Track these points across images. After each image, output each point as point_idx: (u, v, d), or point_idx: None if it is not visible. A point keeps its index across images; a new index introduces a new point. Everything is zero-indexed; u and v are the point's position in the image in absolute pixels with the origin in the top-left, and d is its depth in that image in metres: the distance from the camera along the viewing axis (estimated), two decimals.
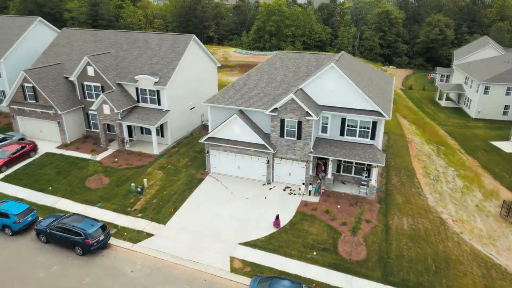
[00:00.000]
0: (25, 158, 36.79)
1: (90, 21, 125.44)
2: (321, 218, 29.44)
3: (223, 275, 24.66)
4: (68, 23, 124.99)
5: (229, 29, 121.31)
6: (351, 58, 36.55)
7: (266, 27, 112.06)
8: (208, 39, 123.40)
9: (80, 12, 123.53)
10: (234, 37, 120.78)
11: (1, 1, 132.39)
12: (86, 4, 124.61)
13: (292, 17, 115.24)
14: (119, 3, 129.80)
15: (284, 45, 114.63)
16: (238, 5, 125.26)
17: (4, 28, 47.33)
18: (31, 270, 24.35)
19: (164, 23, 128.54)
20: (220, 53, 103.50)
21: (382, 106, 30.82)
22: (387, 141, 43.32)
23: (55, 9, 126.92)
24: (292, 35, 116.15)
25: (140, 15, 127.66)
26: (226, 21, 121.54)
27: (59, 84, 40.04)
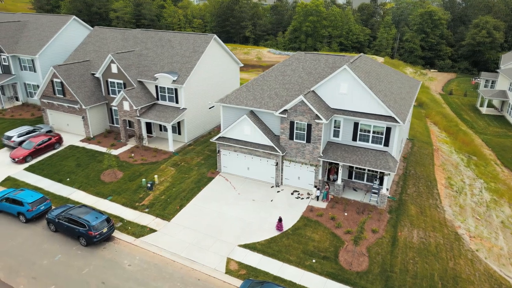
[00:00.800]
0: (50, 149, 38.75)
1: (134, 21, 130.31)
2: (325, 225, 28.56)
3: (218, 276, 24.58)
4: (114, 22, 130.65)
5: (265, 29, 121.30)
6: (371, 61, 35.14)
7: (302, 27, 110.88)
8: (244, 39, 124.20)
9: (125, 12, 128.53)
10: (270, 37, 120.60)
11: (54, 0, 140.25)
12: (130, 4, 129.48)
13: (329, 18, 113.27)
14: (161, 3, 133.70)
15: (320, 46, 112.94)
16: (276, 5, 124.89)
17: (42, 26, 50.16)
18: (38, 257, 25.56)
19: (203, 23, 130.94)
20: (254, 53, 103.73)
21: (397, 111, 29.35)
22: (411, 148, 41.29)
23: (102, 9, 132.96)
24: (329, 36, 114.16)
25: (180, 15, 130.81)
26: (263, 21, 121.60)
27: (86, 80, 41.81)
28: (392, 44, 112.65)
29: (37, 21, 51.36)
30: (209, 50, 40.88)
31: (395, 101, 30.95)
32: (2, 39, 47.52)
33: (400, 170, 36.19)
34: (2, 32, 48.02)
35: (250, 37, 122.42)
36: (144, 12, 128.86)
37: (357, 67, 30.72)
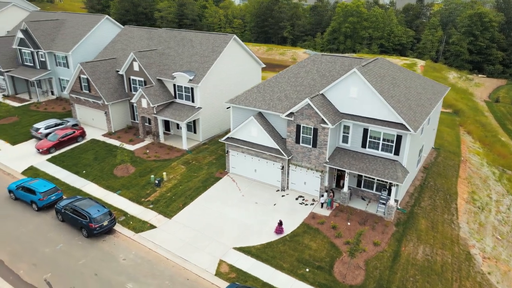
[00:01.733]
0: (73, 142, 40.64)
1: (177, 20, 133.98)
2: (325, 234, 27.55)
3: (207, 277, 24.48)
4: (158, 21, 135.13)
5: (304, 30, 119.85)
6: (388, 65, 33.38)
7: (342, 28, 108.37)
8: (282, 39, 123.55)
9: (169, 11, 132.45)
10: (308, 38, 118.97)
11: (104, 0, 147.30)
12: (174, 4, 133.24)
13: (370, 19, 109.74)
14: (204, 3, 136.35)
15: (359, 47, 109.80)
16: (316, 5, 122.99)
17: (77, 25, 52.78)
18: (41, 245, 26.83)
19: (242, 23, 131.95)
20: (289, 54, 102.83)
21: (410, 118, 27.67)
22: (434, 158, 38.84)
23: (148, 9, 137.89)
24: (369, 38, 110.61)
25: (221, 15, 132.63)
26: (302, 21, 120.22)
27: (110, 77, 43.41)
28: (437, 47, 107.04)
29: (73, 20, 54.12)
30: (228, 50, 40.90)
31: (410, 107, 29.20)
32: (40, 36, 50.55)
33: (417, 181, 34.15)
34: (41, 30, 51.09)
35: (288, 37, 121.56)
36: (187, 12, 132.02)
37: (369, 70, 29.33)
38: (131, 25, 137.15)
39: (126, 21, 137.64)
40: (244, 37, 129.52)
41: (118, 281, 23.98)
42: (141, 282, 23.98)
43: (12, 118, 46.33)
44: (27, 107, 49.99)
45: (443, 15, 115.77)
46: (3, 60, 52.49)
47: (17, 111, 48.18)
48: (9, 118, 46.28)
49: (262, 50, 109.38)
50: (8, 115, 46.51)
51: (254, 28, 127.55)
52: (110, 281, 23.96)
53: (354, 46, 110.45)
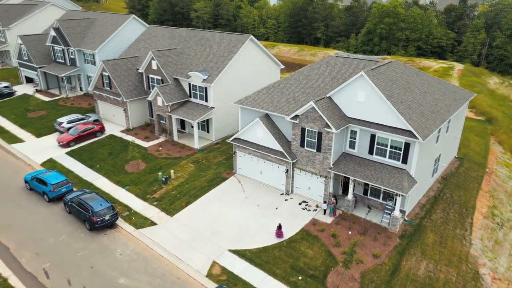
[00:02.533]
0: (92, 137, 42.10)
1: (212, 20, 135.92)
2: (323, 241, 26.68)
3: (197, 277, 24.44)
4: (194, 21, 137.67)
5: (337, 31, 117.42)
6: (403, 68, 31.74)
7: (377, 29, 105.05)
8: (315, 40, 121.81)
9: (204, 11, 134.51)
10: (342, 39, 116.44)
11: (145, 0, 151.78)
12: (210, 4, 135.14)
13: (408, 20, 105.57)
14: (239, 4, 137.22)
15: (395, 49, 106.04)
16: (351, 6, 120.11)
17: (106, 24, 54.68)
18: (47, 235, 27.93)
19: (276, 23, 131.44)
20: (320, 55, 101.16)
21: (419, 125, 26.17)
22: (456, 168, 36.60)
23: (185, 9, 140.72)
24: (406, 39, 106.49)
25: (255, 15, 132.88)
26: (336, 22, 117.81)
27: (130, 75, 44.56)
28: (479, 50, 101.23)
29: (103, 19, 56.13)
30: (244, 50, 40.72)
31: (422, 114, 27.63)
32: (71, 34, 52.84)
33: (431, 192, 32.31)
34: (71, 29, 53.40)
35: (321, 38, 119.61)
36: (222, 12, 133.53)
37: (379, 74, 28.07)
38: (168, 24, 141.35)
39: (164, 20, 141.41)
40: (277, 37, 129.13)
41: (111, 275, 24.47)
42: (133, 278, 24.33)
43: (41, 112, 48.76)
44: (56, 101, 52.44)
45: (487, 17, 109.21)
46: (37, 57, 55.39)
47: (46, 105, 50.66)
48: (37, 111, 48.73)
49: (293, 51, 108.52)
50: (37, 109, 48.98)
51: (288, 29, 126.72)
52: (104, 274, 24.50)
53: (390, 48, 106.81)
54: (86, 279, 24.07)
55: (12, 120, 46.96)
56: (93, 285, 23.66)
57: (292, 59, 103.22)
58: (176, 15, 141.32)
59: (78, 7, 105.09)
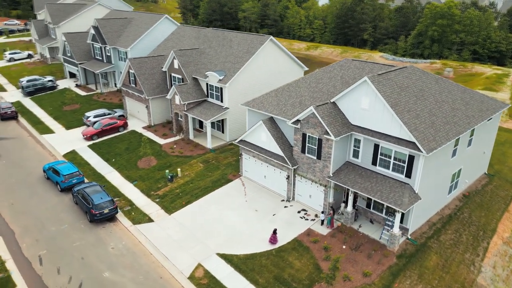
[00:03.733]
0: (114, 131, 43.78)
1: (259, 21, 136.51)
2: (314, 254, 25.42)
3: (179, 278, 24.36)
4: (241, 21, 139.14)
5: (386, 33, 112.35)
6: (419, 74, 29.23)
7: (428, 31, 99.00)
8: (362, 42, 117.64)
9: (252, 12, 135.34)
10: (390, 41, 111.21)
11: (196, 1, 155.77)
12: (258, 5, 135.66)
13: (464, 22, 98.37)
14: (286, 4, 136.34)
15: (447, 53, 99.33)
16: (403, 6, 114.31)
17: (141, 23, 56.65)
18: (50, 223, 29.38)
19: (323, 24, 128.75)
20: (364, 57, 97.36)
21: (425, 137, 24.00)
22: (482, 186, 33.27)
23: (233, 9, 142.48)
24: (460, 43, 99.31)
25: (302, 16, 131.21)
26: (385, 23, 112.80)
27: (155, 74, 45.72)
28: None
29: (139, 19, 58.23)
30: (263, 51, 40.09)
31: (432, 125, 25.32)
32: (108, 33, 55.39)
33: (447, 210, 29.61)
34: (109, 27, 55.98)
35: (368, 40, 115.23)
36: (269, 12, 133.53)
37: (387, 80, 26.16)
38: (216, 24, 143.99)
39: (212, 20, 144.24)
40: (323, 38, 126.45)
41: (98, 268, 25.12)
42: (118, 272, 24.78)
43: (75, 105, 51.64)
44: (90, 96, 55.29)
45: None
46: (78, 53, 58.77)
47: (81, 100, 53.57)
48: (72, 105, 51.67)
49: (336, 53, 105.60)
50: (72, 102, 51.94)
51: (334, 30, 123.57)
52: (91, 266, 25.22)
53: (442, 52, 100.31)
54: (74, 269, 24.91)
55: (48, 112, 50.21)
56: (79, 276, 24.43)
57: (332, 61, 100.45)
58: (225, 15, 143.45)
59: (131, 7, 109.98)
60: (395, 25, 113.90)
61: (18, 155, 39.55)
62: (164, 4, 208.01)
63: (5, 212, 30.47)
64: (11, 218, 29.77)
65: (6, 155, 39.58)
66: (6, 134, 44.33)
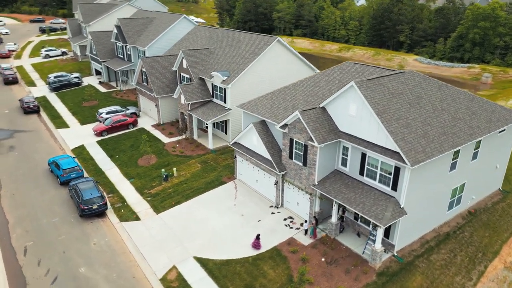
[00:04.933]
0: (124, 128, 44.74)
1: (293, 21, 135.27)
2: (290, 264, 24.38)
3: (151, 280, 24.27)
4: (275, 22, 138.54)
5: (424, 35, 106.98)
6: (419, 79, 27.10)
7: (469, 34, 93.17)
8: (398, 44, 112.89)
9: (287, 12, 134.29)
10: (428, 43, 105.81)
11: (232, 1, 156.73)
12: (294, 5, 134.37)
13: (509, 24, 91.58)
14: (322, 5, 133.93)
15: (489, 57, 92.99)
16: (443, 7, 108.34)
17: (160, 23, 57.63)
18: (43, 215, 30.34)
19: (359, 25, 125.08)
20: (396, 60, 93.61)
21: (413, 149, 22.22)
22: (493, 203, 30.51)
23: (268, 9, 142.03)
24: (504, 47, 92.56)
25: (337, 16, 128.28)
26: (423, 25, 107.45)
27: (166, 73, 46.24)
28: None
29: (160, 19, 59.28)
30: (269, 53, 39.27)
31: (425, 135, 23.42)
32: (129, 32, 56.84)
33: (446, 227, 27.39)
34: (130, 27, 57.44)
35: (405, 42, 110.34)
36: (304, 13, 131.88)
37: (377, 85, 24.54)
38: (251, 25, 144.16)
39: (247, 20, 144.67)
40: (358, 40, 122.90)
41: (75, 262, 25.55)
42: (93, 269, 25.06)
43: (93, 101, 53.44)
44: (110, 93, 57.01)
45: None
46: (102, 51, 60.83)
47: (100, 96, 55.38)
48: (91, 101, 53.51)
49: (368, 55, 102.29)
50: (91, 98, 53.80)
51: (369, 31, 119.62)
52: (70, 260, 25.70)
53: (483, 56, 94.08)
54: (54, 263, 25.50)
55: (68, 107, 52.30)
56: (56, 269, 24.98)
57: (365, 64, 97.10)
58: (259, 15, 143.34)
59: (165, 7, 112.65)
60: (434, 26, 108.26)
61: (31, 148, 41.42)
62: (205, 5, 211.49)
63: (5, 202, 31.90)
64: (9, 208, 31.12)
65: (20, 147, 41.60)
66: (25, 127, 46.65)
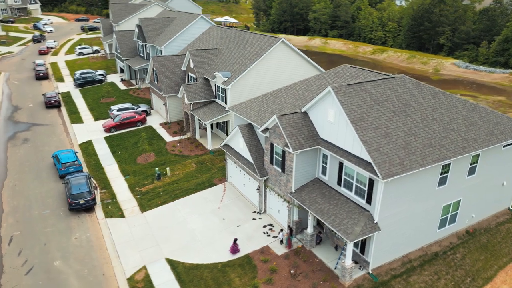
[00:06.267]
0: (132, 126, 45.65)
1: (330, 22, 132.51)
2: (257, 274, 23.50)
3: (119, 278, 24.36)
4: (311, 22, 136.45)
5: (466, 37, 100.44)
6: (413, 86, 24.96)
7: None
8: (438, 47, 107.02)
9: (323, 13, 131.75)
10: (470, 47, 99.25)
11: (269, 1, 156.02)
12: (331, 6, 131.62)
13: None
14: (359, 5, 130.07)
15: None
16: (489, 8, 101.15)
17: (179, 23, 58.21)
18: (36, 207, 31.45)
19: (397, 26, 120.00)
20: (432, 63, 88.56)
21: (389, 160, 20.55)
22: (496, 225, 27.72)
23: (304, 10, 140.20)
24: None
25: (375, 17, 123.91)
26: (466, 27, 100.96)
27: (176, 72, 46.62)
28: None
29: (180, 18, 59.93)
30: (272, 54, 38.36)
31: (406, 146, 21.60)
32: (149, 31, 57.99)
33: (436, 247, 25.20)
34: (151, 26, 58.58)
35: (445, 45, 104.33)
36: (340, 13, 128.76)
37: (359, 90, 22.98)
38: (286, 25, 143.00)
39: (282, 21, 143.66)
40: (396, 42, 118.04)
41: (53, 255, 26.18)
42: (68, 263, 25.53)
43: (111, 98, 55.09)
44: (128, 91, 58.53)
45: None
46: (125, 50, 62.61)
47: (117, 93, 56.98)
48: (108, 98, 55.20)
49: (403, 57, 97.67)
50: (108, 95, 55.49)
51: (407, 33, 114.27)
52: (48, 253, 26.39)
53: None
54: (33, 254, 26.29)
55: (87, 103, 54.29)
56: (33, 260, 25.72)
57: (397, 67, 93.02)
58: (295, 16, 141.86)
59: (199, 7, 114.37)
60: (478, 29, 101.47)
61: (43, 141, 43.32)
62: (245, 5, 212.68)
63: (6, 192, 33.49)
64: (7, 198, 32.62)
65: (34, 139, 43.65)
66: (43, 121, 48.94)
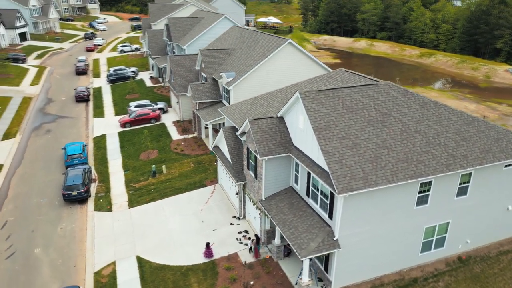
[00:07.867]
0: (146, 122, 46.80)
1: (379, 23, 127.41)
2: (217, 282, 22.83)
3: (87, 271, 24.91)
4: (359, 23, 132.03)
5: None
6: (399, 95, 22.54)
7: None
8: (495, 52, 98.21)
9: (372, 13, 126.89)
10: None
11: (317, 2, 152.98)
12: (381, 6, 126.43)
13: None
14: (412, 6, 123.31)
15: None
16: None
17: (205, 23, 58.73)
18: (37, 195, 33.16)
19: (452, 29, 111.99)
20: (484, 69, 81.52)
21: (351, 174, 18.87)
22: (497, 253, 24.54)
23: (352, 10, 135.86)
24: None
25: (427, 19, 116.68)
26: None
27: (190, 71, 47.05)
28: None
29: (207, 18, 60.47)
30: (279, 55, 37.21)
31: (375, 159, 19.72)
32: (175, 30, 59.14)
33: (417, 272, 22.84)
34: (178, 26, 59.69)
35: (503, 49, 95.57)
36: (391, 14, 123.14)
37: (330, 97, 21.40)
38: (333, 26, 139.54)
39: (329, 22, 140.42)
40: (449, 45, 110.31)
41: (37, 243, 27.37)
42: (46, 252, 26.54)
43: (135, 95, 56.99)
44: (153, 88, 60.20)
45: None
46: (155, 49, 64.51)
47: (142, 90, 58.81)
48: (133, 94, 57.14)
49: (452, 62, 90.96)
50: (133, 92, 57.45)
51: (462, 36, 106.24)
52: (32, 240, 27.64)
53: None
54: (19, 239, 27.70)
55: (113, 98, 56.63)
56: (18, 246, 27.08)
57: (445, 72, 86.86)
58: (342, 16, 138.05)
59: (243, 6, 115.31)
60: None
61: (64, 133, 45.78)
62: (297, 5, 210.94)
63: (15, 179, 35.73)
64: (14, 184, 34.80)
65: (55, 131, 46.28)
66: (69, 114, 51.78)
